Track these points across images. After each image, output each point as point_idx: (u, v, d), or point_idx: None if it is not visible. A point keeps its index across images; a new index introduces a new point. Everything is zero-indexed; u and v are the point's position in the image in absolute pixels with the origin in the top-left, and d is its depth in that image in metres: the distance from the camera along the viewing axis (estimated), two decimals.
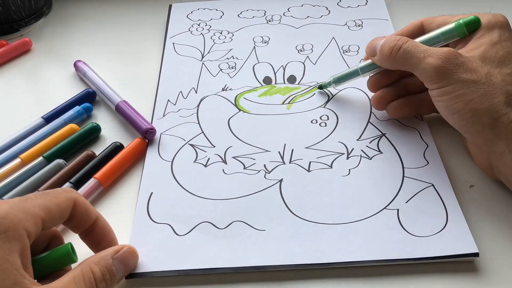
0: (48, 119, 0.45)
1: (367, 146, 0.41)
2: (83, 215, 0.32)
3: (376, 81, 0.42)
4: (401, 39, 0.38)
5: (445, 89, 0.35)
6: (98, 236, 0.33)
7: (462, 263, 0.33)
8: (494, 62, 0.35)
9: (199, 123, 0.44)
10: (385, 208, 0.36)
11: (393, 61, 0.38)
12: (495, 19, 0.38)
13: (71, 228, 0.33)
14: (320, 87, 0.46)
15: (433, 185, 0.37)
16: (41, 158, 0.41)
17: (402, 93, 0.42)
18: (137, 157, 0.41)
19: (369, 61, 0.42)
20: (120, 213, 0.37)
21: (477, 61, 0.35)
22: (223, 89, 0.48)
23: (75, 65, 0.51)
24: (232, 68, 0.50)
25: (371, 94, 0.45)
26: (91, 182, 0.38)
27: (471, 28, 0.38)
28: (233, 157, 0.41)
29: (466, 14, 0.39)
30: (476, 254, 0.32)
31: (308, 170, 0.39)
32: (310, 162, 0.40)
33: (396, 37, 0.38)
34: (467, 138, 0.37)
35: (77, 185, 0.39)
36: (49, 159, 0.41)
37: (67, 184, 0.39)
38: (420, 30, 0.41)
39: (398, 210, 0.35)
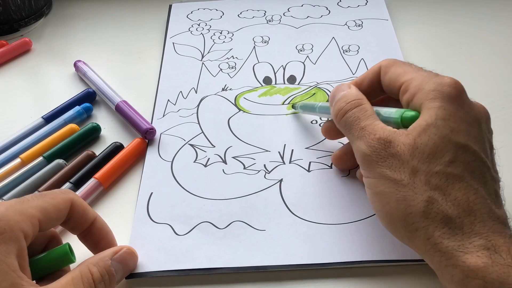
0: (48, 119, 0.45)
1: None
2: (81, 216, 0.32)
3: (329, 129, 0.38)
4: (352, 102, 0.33)
5: (369, 180, 0.30)
6: (96, 237, 0.33)
7: None
8: (423, 154, 0.28)
9: (199, 123, 0.44)
10: None
11: (337, 124, 0.34)
12: (439, 89, 0.30)
13: (69, 229, 0.33)
14: (292, 106, 0.44)
15: None
16: (41, 158, 0.41)
17: None
18: (137, 157, 0.42)
19: (327, 103, 0.38)
20: (120, 213, 0.37)
21: (406, 153, 0.29)
22: (223, 89, 0.48)
23: (75, 65, 0.51)
24: (232, 68, 0.50)
25: None
26: (91, 182, 0.38)
27: (409, 125, 0.30)
28: (233, 157, 0.41)
29: (420, 72, 0.32)
30: None
31: (308, 170, 0.39)
32: (310, 162, 0.40)
33: (350, 97, 0.33)
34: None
35: (77, 185, 0.39)
36: (49, 159, 0.41)
37: (67, 184, 0.39)
38: (378, 76, 0.35)
39: None
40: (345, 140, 0.39)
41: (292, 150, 0.41)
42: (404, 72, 0.33)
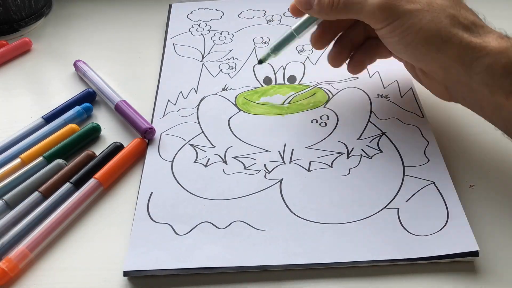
0: (48, 119, 0.45)
1: (367, 145, 0.40)
2: None
3: (320, 36, 0.42)
4: None
5: (393, 24, 0.35)
6: None
7: (462, 263, 0.33)
8: None
9: (199, 123, 0.44)
10: (385, 207, 0.36)
11: (335, 11, 0.37)
12: None
13: None
14: (260, 61, 0.43)
15: (433, 182, 0.37)
16: (41, 158, 0.41)
17: (349, 47, 0.42)
18: (137, 157, 0.41)
19: (302, 19, 0.41)
20: (120, 213, 0.37)
21: None
22: (223, 89, 0.48)
23: (75, 65, 0.51)
24: (232, 68, 0.50)
25: (371, 95, 0.45)
26: (91, 182, 0.38)
27: None
28: (233, 157, 0.41)
29: None
30: (476, 253, 0.32)
31: (308, 170, 0.39)
32: (310, 162, 0.40)
33: None
34: (424, 69, 0.38)
35: (77, 185, 0.38)
36: (49, 159, 0.41)
37: (67, 184, 0.39)
38: None
39: (398, 209, 0.35)
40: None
41: (292, 149, 0.41)
42: None
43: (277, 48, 0.42)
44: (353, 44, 0.43)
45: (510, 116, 0.34)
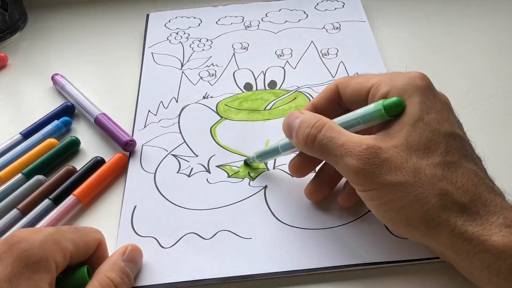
0: (26, 134, 0.44)
1: None
2: (99, 258, 0.32)
3: (298, 166, 0.36)
4: (316, 124, 0.31)
5: (370, 193, 0.29)
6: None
7: (448, 263, 0.33)
8: (419, 150, 0.29)
9: (181, 133, 0.44)
10: (369, 211, 0.36)
11: (309, 152, 0.32)
12: (412, 84, 0.30)
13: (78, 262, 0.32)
14: (245, 162, 0.40)
15: None
16: (20, 174, 0.40)
17: (334, 181, 0.36)
18: (118, 173, 0.41)
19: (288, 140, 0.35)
20: (102, 228, 0.37)
21: (401, 153, 0.29)
22: (204, 97, 0.47)
23: (52, 78, 0.51)
24: (212, 75, 0.50)
25: None
26: (69, 199, 0.38)
27: (394, 112, 0.30)
28: (217, 166, 0.40)
29: (382, 74, 0.32)
30: None
31: (292, 176, 0.39)
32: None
33: (311, 120, 0.32)
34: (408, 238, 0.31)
35: (56, 201, 0.38)
36: (28, 175, 0.40)
37: (46, 200, 0.38)
38: (337, 94, 0.35)
39: None
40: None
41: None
42: (367, 78, 0.33)
43: (262, 156, 0.38)
44: (332, 180, 0.36)
45: None
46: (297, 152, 0.36)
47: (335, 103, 0.35)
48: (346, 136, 0.30)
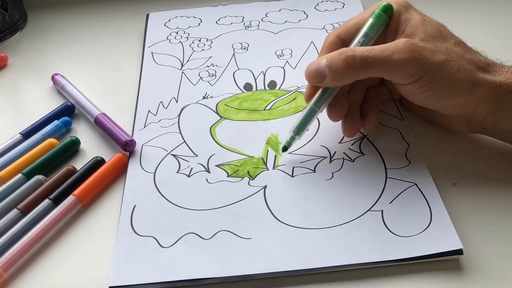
0: (27, 134, 0.44)
1: (349, 148, 0.41)
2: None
3: (338, 110, 0.39)
4: (346, 50, 0.36)
5: (423, 79, 0.35)
6: None
7: (448, 262, 0.33)
8: (439, 37, 0.36)
9: (180, 133, 0.44)
10: (369, 210, 0.36)
11: (353, 73, 0.36)
12: (400, 3, 0.39)
13: None
14: (285, 148, 0.40)
15: (416, 184, 0.37)
16: (20, 174, 0.40)
17: (357, 106, 0.41)
18: (118, 173, 0.41)
19: (318, 93, 0.38)
20: (102, 228, 0.37)
21: (430, 41, 0.36)
22: (204, 97, 0.47)
23: (52, 78, 0.51)
24: (212, 76, 0.50)
25: None
26: (69, 199, 0.38)
27: (388, 13, 0.38)
28: (216, 166, 0.40)
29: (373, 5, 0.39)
30: (461, 251, 0.32)
31: (292, 175, 0.39)
32: (293, 167, 0.40)
33: (339, 51, 0.36)
34: (449, 113, 0.38)
35: (56, 201, 0.38)
36: (28, 176, 0.40)
37: (46, 200, 0.38)
38: (338, 42, 0.40)
39: (382, 211, 0.36)
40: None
41: (275, 155, 0.41)
42: (360, 14, 0.40)
43: (300, 129, 0.39)
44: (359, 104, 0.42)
45: None
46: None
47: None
48: (377, 46, 0.36)
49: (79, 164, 0.42)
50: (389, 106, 0.44)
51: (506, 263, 0.33)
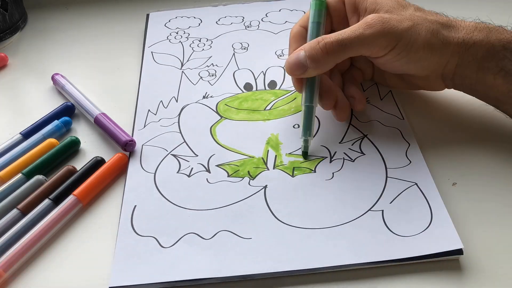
0: (27, 134, 0.44)
1: (349, 148, 0.41)
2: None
3: (329, 97, 0.41)
4: (323, 38, 0.38)
5: (398, 46, 0.37)
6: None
7: (448, 262, 0.33)
8: (400, 7, 0.39)
9: (180, 132, 0.44)
10: (369, 210, 0.36)
11: (333, 57, 0.38)
12: None
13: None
14: (305, 154, 0.40)
15: (416, 183, 0.37)
16: (20, 174, 0.40)
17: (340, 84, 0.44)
18: (118, 173, 0.41)
19: (305, 88, 0.40)
20: (102, 228, 0.37)
21: (394, 12, 0.38)
22: (204, 97, 0.47)
23: (52, 78, 0.51)
24: (212, 75, 0.50)
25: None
26: (69, 199, 0.38)
27: None
28: (217, 165, 0.40)
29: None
30: (461, 251, 0.32)
31: (292, 175, 0.39)
32: (293, 167, 0.40)
33: (315, 40, 0.39)
34: (422, 74, 0.40)
35: (56, 201, 0.38)
36: (28, 175, 0.40)
37: (46, 200, 0.38)
38: (303, 31, 0.43)
39: (382, 211, 0.35)
40: None
41: (275, 155, 0.41)
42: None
43: (307, 129, 0.40)
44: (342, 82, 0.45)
45: (499, 94, 0.38)
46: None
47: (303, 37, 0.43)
48: (348, 28, 0.38)
49: (79, 164, 0.42)
50: (389, 105, 0.44)
51: (506, 263, 0.33)
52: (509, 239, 0.34)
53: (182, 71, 0.50)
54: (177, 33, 0.56)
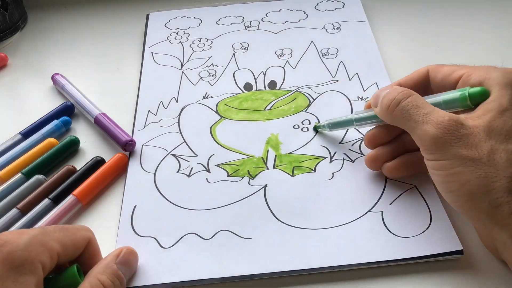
0: (26, 134, 0.44)
1: (349, 149, 0.41)
2: (91, 256, 0.32)
3: (373, 137, 0.37)
4: (403, 92, 0.33)
5: (440, 163, 0.30)
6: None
7: (448, 262, 0.33)
8: (500, 135, 0.30)
9: (180, 133, 0.44)
10: (369, 211, 0.36)
11: (390, 117, 0.34)
12: (507, 77, 0.32)
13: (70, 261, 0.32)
14: (315, 128, 0.42)
15: (415, 186, 0.37)
16: (20, 174, 0.40)
17: (400, 150, 0.37)
18: (118, 173, 0.41)
19: (367, 112, 0.37)
20: (102, 228, 0.37)
21: (481, 133, 0.30)
22: (204, 97, 0.47)
23: (52, 78, 0.51)
24: (212, 76, 0.50)
25: (352, 98, 0.45)
26: (69, 199, 0.38)
27: (477, 100, 0.32)
28: (216, 165, 0.40)
29: (476, 66, 0.34)
30: (461, 252, 0.32)
31: (292, 175, 0.39)
32: (293, 167, 0.40)
33: (399, 90, 0.34)
34: (452, 205, 0.32)
35: (56, 201, 0.38)
36: (28, 175, 0.40)
37: (46, 200, 0.38)
38: (426, 79, 0.37)
39: (382, 212, 0.35)
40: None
41: (275, 155, 0.41)
42: (460, 67, 0.35)
43: (334, 125, 0.40)
44: (405, 149, 0.37)
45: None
46: (370, 128, 0.38)
47: (421, 86, 0.37)
48: (431, 108, 0.32)
49: (79, 164, 0.41)
50: None
51: (505, 263, 0.32)
52: None
53: (182, 72, 0.50)
54: (177, 33, 0.56)
